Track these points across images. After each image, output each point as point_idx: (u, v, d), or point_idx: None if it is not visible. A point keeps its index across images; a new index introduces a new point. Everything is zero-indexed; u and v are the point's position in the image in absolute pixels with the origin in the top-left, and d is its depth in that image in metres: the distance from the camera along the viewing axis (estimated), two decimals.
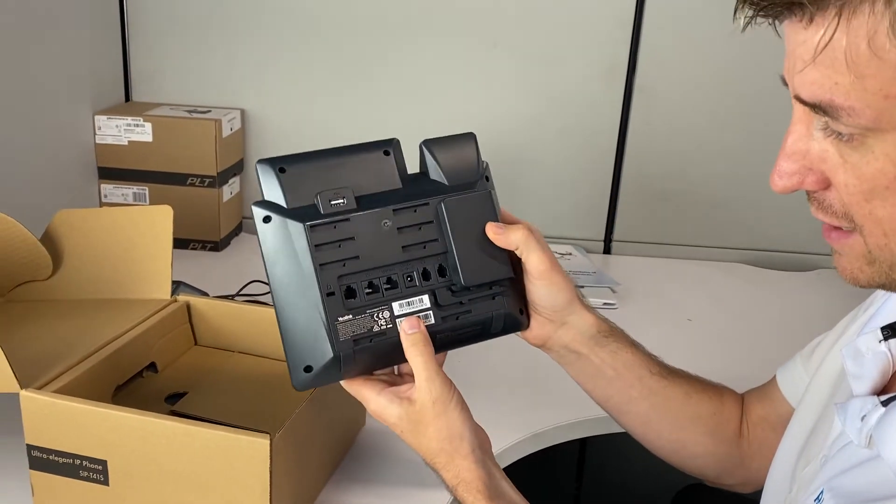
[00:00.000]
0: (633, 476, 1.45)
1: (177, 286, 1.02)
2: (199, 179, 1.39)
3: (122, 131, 1.38)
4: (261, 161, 0.62)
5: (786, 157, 0.49)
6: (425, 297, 0.64)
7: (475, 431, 0.64)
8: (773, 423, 0.74)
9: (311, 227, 0.60)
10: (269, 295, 1.16)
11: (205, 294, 1.04)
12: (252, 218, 0.62)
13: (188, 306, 0.90)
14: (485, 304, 0.66)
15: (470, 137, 0.70)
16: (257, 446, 0.64)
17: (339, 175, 0.63)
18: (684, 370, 0.77)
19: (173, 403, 0.80)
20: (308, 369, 0.61)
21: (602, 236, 1.53)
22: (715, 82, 1.43)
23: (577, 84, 1.44)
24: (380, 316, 0.62)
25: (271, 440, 0.64)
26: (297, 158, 0.63)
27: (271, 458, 0.64)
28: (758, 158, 1.46)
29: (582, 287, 1.29)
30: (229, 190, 1.45)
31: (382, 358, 0.64)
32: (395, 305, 0.63)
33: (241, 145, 1.50)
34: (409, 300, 0.64)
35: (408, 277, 0.64)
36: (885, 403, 0.52)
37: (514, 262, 0.67)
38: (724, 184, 1.48)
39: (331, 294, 0.60)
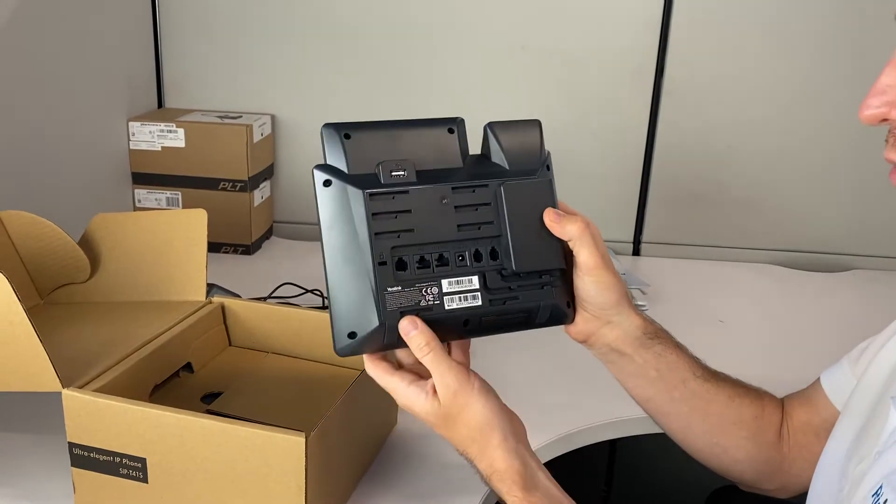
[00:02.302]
0: (665, 478, 1.45)
1: (210, 289, 1.03)
2: (230, 184, 1.41)
3: (156, 137, 1.41)
4: (327, 125, 0.63)
5: (880, 87, 0.50)
6: (475, 279, 0.64)
7: (506, 418, 0.63)
8: (816, 428, 0.73)
9: (371, 195, 0.61)
10: (298, 297, 1.17)
11: (237, 296, 1.06)
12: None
13: (223, 308, 0.92)
14: (533, 293, 0.65)
15: (535, 124, 0.69)
16: (293, 444, 0.64)
17: (402, 147, 0.64)
18: (726, 374, 0.76)
19: (209, 403, 0.81)
20: (352, 335, 0.61)
21: (631, 238, 1.52)
22: (744, 83, 1.42)
23: (605, 86, 1.44)
24: (428, 291, 0.62)
25: (307, 438, 0.64)
26: (362, 126, 0.64)
27: (307, 456, 0.65)
28: (789, 159, 1.45)
29: None
30: (260, 194, 1.47)
31: None
32: (444, 283, 0.63)
33: (271, 150, 1.51)
34: (458, 279, 0.63)
35: (459, 256, 0.63)
36: None
37: (566, 254, 0.66)
38: (755, 184, 1.47)
39: (382, 263, 0.61)
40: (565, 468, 0.99)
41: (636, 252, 1.53)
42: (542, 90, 1.46)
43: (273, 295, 1.19)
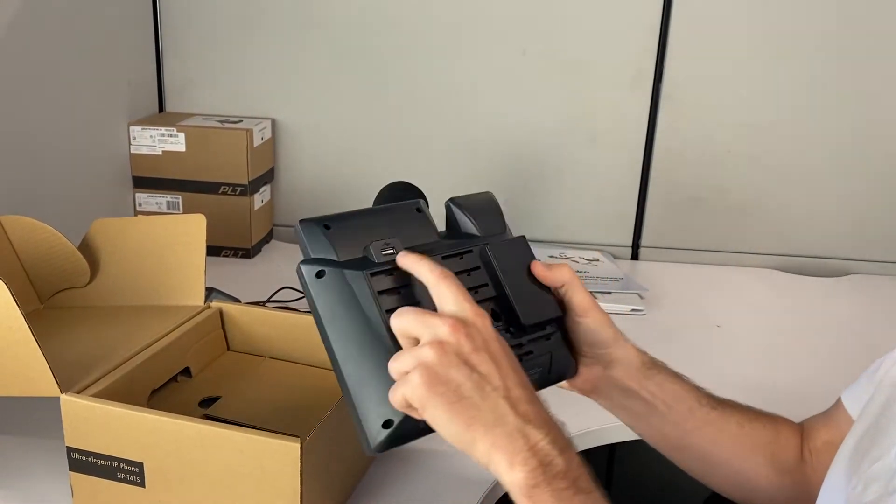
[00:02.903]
0: (665, 482, 1.45)
1: (209, 293, 1.04)
2: (230, 188, 1.42)
3: (157, 141, 1.41)
4: (303, 221, 0.61)
5: None
6: None
7: None
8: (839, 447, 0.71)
9: (372, 274, 0.59)
10: (297, 301, 1.18)
11: (237, 300, 1.06)
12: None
13: (221, 312, 0.92)
14: (543, 344, 0.65)
15: (489, 196, 0.71)
16: (288, 449, 0.65)
17: (381, 228, 0.63)
18: (733, 400, 0.75)
19: (207, 408, 0.81)
20: (388, 423, 0.56)
21: (630, 242, 1.52)
22: (743, 87, 1.42)
23: (605, 91, 1.45)
24: None
25: (302, 443, 0.65)
26: (337, 217, 0.62)
27: (302, 462, 0.65)
28: (788, 163, 1.46)
29: (609, 293, 1.29)
30: (260, 198, 1.47)
31: None
32: None
33: (271, 154, 1.52)
34: None
35: None
36: None
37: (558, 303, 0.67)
38: (754, 189, 1.47)
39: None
40: None
41: (635, 256, 1.53)
42: (542, 94, 1.46)
43: (272, 299, 1.20)
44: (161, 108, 1.54)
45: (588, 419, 0.95)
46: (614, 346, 0.68)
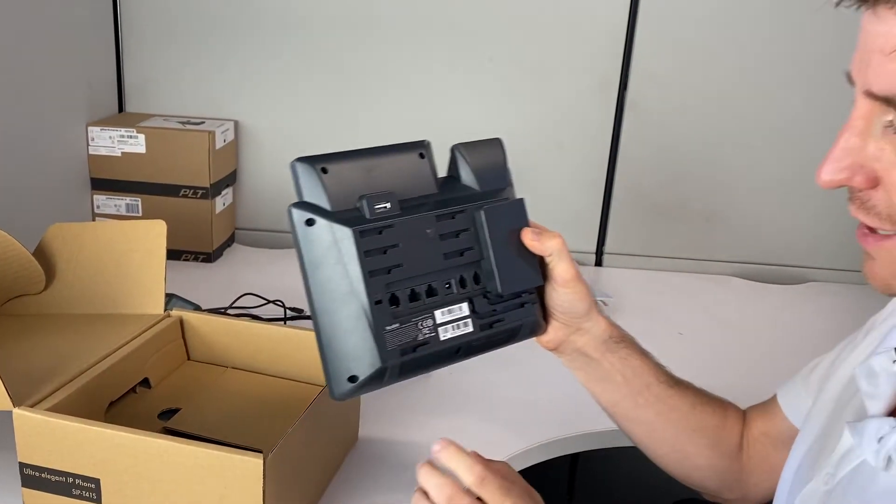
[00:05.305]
0: (625, 491, 1.46)
1: (169, 299, 1.02)
2: (192, 191, 1.39)
3: (116, 142, 1.38)
4: (300, 160, 0.60)
5: (839, 152, 0.49)
6: (464, 305, 0.64)
7: None
8: (774, 439, 0.75)
9: (361, 232, 0.59)
10: (259, 308, 1.16)
11: (197, 307, 1.04)
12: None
13: (181, 321, 0.90)
14: (515, 312, 0.67)
15: (497, 143, 0.70)
16: (250, 466, 0.64)
17: (379, 178, 0.62)
18: (690, 382, 0.78)
19: (166, 420, 0.80)
20: (353, 379, 0.59)
21: (594, 248, 1.53)
22: (706, 97, 1.44)
23: (570, 98, 1.45)
24: (423, 324, 0.62)
25: (265, 459, 0.64)
26: (336, 158, 0.61)
27: (264, 478, 0.64)
28: (749, 172, 1.48)
29: None
30: (222, 201, 1.45)
31: (424, 367, 0.63)
32: (437, 314, 0.63)
33: (234, 156, 1.50)
34: (449, 308, 0.63)
35: (446, 285, 0.63)
36: None
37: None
38: (715, 198, 1.49)
39: (378, 302, 0.59)
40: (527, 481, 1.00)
41: (598, 263, 1.54)
42: (507, 101, 1.46)
43: (234, 305, 1.18)
44: (121, 108, 1.50)
45: (552, 429, 0.96)
46: (586, 317, 0.70)
